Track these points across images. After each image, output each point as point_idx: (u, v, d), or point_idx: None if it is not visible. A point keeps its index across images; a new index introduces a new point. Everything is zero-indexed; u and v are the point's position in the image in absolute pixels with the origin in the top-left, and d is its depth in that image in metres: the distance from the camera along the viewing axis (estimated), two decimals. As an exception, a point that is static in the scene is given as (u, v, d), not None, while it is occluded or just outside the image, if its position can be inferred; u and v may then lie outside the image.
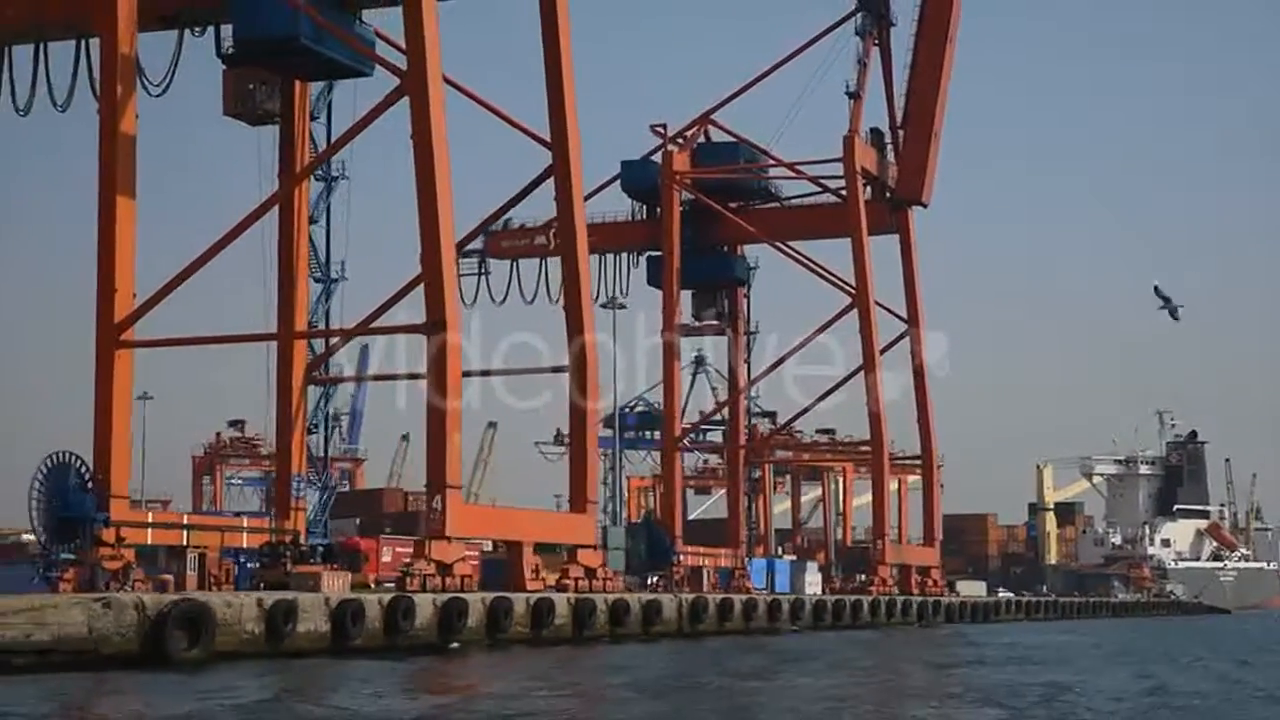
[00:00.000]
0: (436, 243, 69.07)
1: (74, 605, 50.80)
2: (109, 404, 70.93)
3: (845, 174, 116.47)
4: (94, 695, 42.43)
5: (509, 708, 38.69)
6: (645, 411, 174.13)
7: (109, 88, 71.35)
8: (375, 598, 61.53)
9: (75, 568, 67.00)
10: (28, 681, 44.92)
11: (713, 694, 44.01)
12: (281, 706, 39.63)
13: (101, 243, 71.04)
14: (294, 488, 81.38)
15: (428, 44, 69.31)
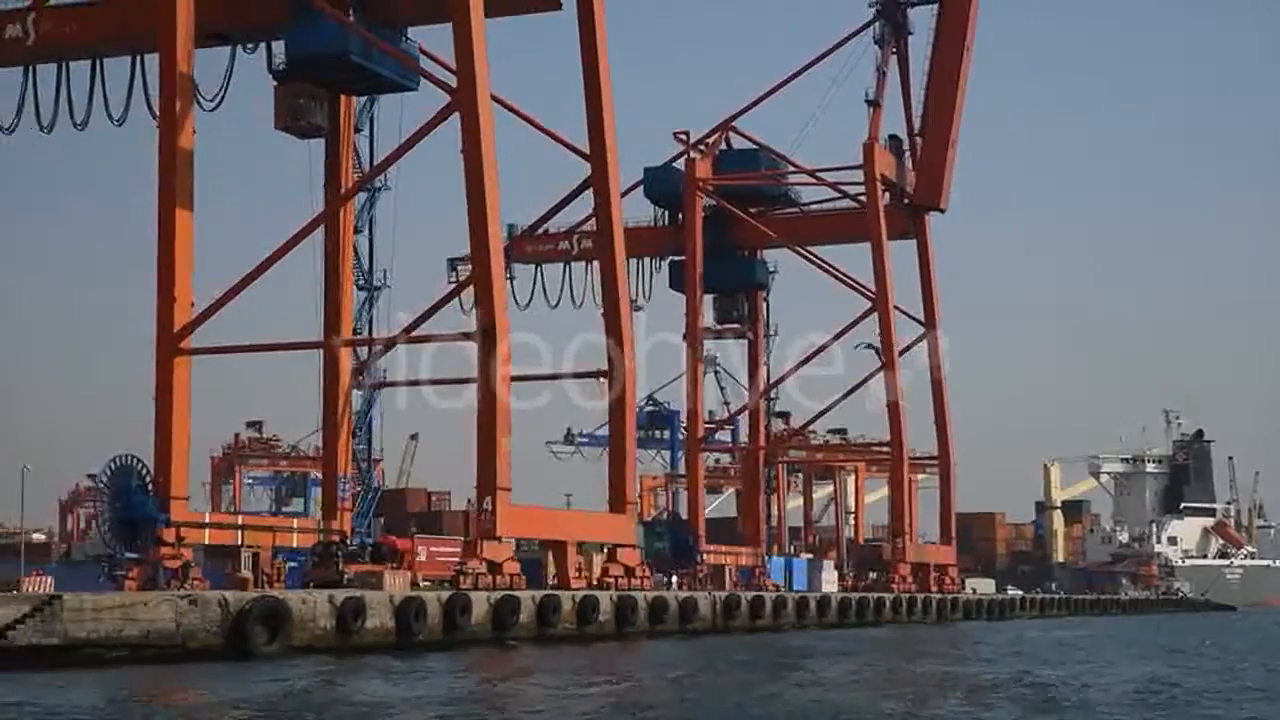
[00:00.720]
0: (487, 253, 72.09)
1: (163, 602, 53.86)
2: (169, 409, 73.98)
3: (865, 181, 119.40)
4: (223, 687, 45.09)
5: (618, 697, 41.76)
6: (655, 411, 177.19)
7: (168, 104, 74.36)
8: (435, 595, 64.57)
9: (138, 567, 70.08)
10: (122, 672, 47.99)
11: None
12: (405, 694, 42.40)
13: (161, 254, 74.08)
14: (340, 489, 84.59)
15: (477, 62, 72.23)
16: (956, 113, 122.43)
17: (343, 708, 39.10)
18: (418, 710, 37.70)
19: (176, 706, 40.50)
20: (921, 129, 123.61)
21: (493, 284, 71.82)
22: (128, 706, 39.92)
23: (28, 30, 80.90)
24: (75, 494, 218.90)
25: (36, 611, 50.94)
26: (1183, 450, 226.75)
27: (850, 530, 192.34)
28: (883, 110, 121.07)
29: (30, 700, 39.25)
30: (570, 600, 72.03)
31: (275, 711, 37.73)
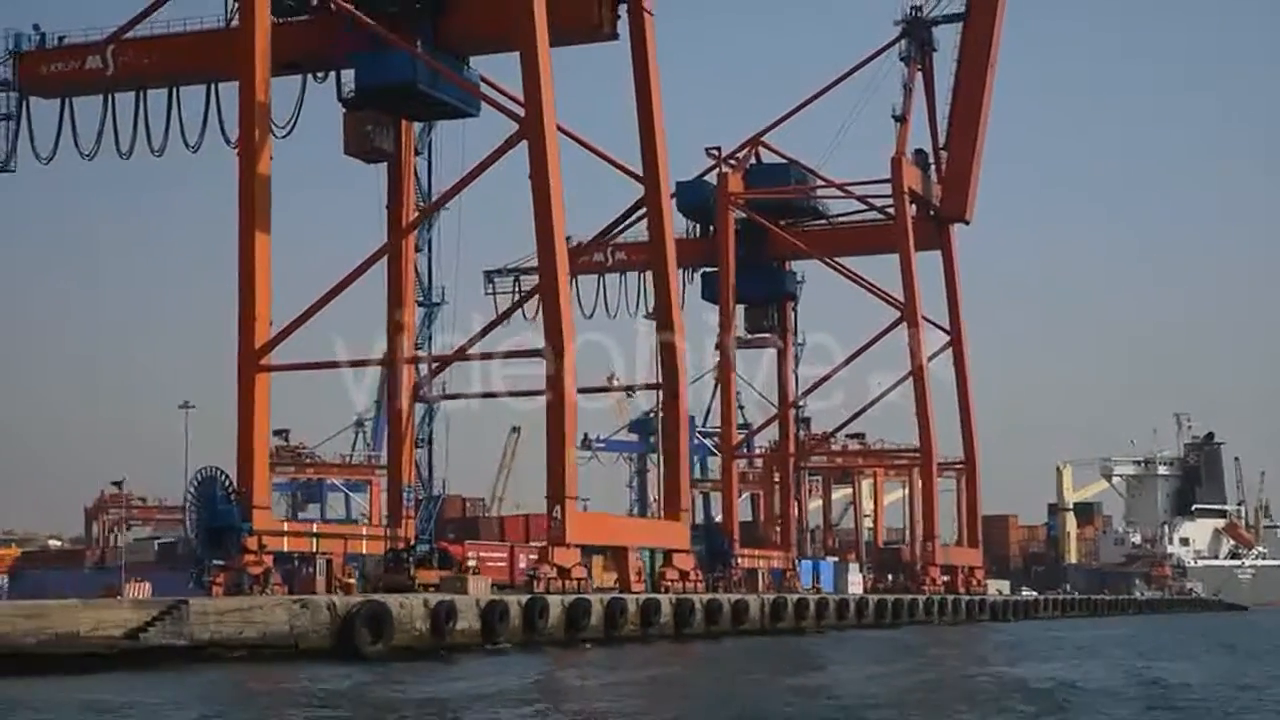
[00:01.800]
0: (554, 274, 76.65)
1: (277, 606, 58.38)
2: (250, 423, 78.53)
3: (893, 194, 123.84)
4: (329, 684, 49.55)
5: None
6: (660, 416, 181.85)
7: (247, 133, 78.84)
8: (515, 599, 69.01)
9: (225, 572, 74.41)
10: (242, 669, 52.45)
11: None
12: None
13: (242, 275, 78.54)
14: (404, 498, 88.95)
15: (544, 93, 76.69)
16: (981, 127, 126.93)
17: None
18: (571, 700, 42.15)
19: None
20: (946, 143, 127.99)
21: (560, 304, 76.29)
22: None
23: (107, 61, 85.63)
24: (101, 501, 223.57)
25: (165, 615, 55.46)
26: (1194, 452, 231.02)
27: (868, 533, 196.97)
28: (909, 125, 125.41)
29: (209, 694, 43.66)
30: (634, 603, 76.44)
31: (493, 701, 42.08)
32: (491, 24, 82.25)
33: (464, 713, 39.90)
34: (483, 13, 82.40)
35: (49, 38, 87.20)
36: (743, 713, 40.60)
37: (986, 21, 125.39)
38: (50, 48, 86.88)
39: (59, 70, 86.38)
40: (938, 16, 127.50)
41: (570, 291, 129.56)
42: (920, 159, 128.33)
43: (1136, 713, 40.73)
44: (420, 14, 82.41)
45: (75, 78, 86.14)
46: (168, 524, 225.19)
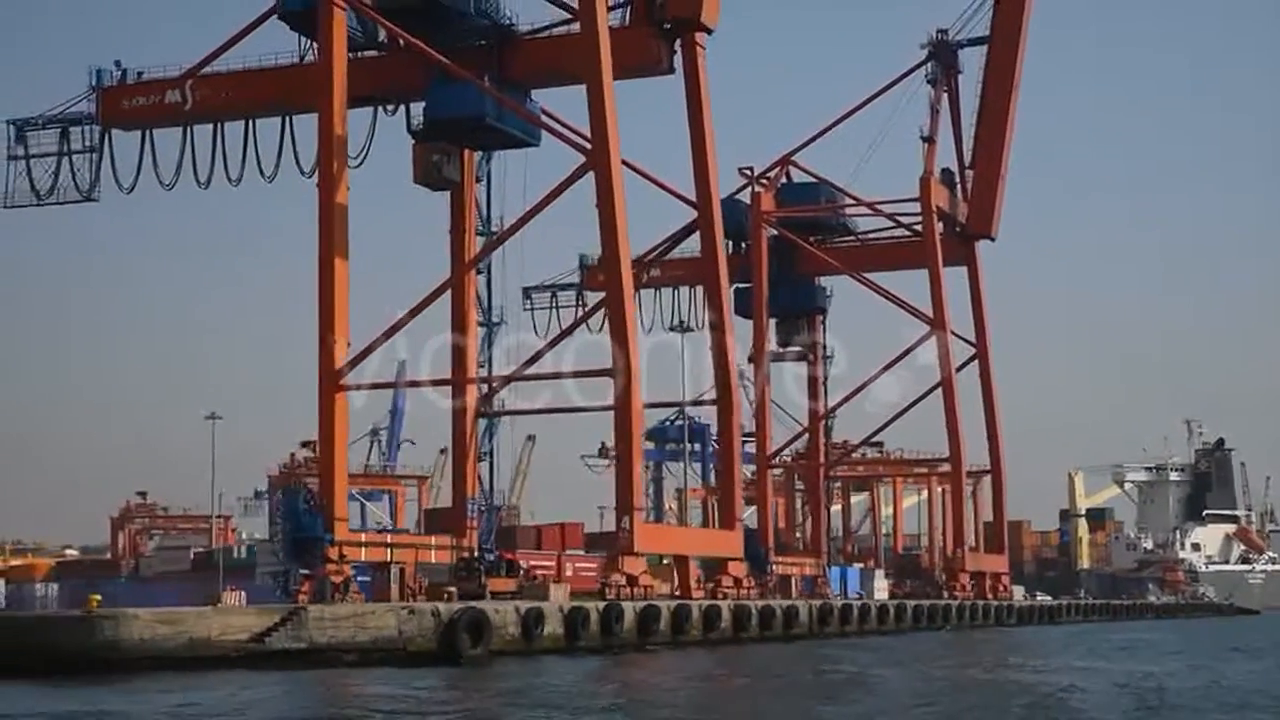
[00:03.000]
0: (621, 297, 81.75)
1: (387, 612, 63.44)
2: (330, 439, 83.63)
3: (922, 213, 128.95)
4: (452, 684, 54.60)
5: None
6: (687, 425, 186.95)
7: (326, 164, 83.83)
8: (593, 605, 74.01)
9: (309, 580, 79.37)
10: (364, 671, 57.45)
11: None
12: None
13: (321, 300, 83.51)
14: (468, 510, 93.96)
15: (609, 126, 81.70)
16: (1006, 147, 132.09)
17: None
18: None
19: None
20: (972, 162, 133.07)
21: (627, 325, 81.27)
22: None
23: (185, 96, 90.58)
24: (126, 511, 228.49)
25: (286, 621, 60.54)
26: (1204, 459, 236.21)
27: (886, 539, 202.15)
28: (936, 145, 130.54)
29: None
30: (698, 609, 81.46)
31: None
32: (554, 60, 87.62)
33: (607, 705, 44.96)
34: (546, 50, 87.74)
35: (129, 73, 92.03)
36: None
37: (1010, 45, 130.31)
38: (131, 83, 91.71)
39: (139, 105, 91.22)
40: (963, 40, 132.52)
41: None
42: (946, 177, 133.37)
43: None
44: (488, 50, 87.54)
45: (155, 111, 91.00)
46: (185, 532, 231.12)
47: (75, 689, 50.98)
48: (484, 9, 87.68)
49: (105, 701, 46.60)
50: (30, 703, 47.14)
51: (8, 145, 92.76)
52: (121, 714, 43.74)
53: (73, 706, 45.68)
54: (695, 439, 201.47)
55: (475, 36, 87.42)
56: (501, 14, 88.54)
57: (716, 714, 45.60)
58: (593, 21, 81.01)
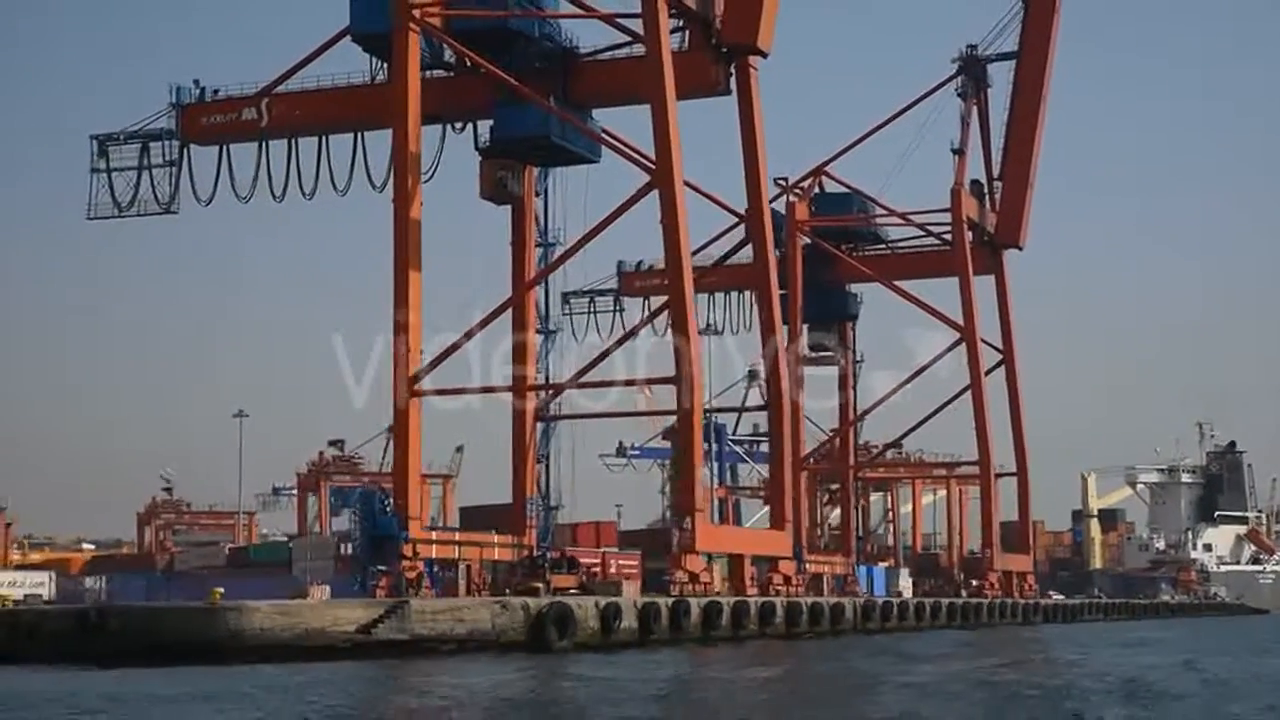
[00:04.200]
0: (684, 312, 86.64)
1: (482, 606, 68.49)
2: (405, 443, 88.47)
3: (953, 223, 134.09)
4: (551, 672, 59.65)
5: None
6: (705, 424, 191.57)
7: (400, 180, 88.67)
8: (663, 601, 79.05)
9: (387, 576, 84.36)
10: (463, 661, 62.45)
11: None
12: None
13: (397, 310, 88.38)
14: (526, 510, 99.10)
15: (673, 146, 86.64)
16: (1034, 158, 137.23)
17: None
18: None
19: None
20: (1001, 173, 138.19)
21: (689, 334, 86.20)
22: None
23: (261, 113, 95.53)
24: (152, 507, 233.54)
25: (390, 613, 65.54)
26: (1216, 461, 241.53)
27: (905, 538, 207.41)
28: (967, 157, 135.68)
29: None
30: (754, 606, 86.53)
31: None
32: (616, 82, 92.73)
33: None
34: (608, 72, 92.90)
35: (207, 91, 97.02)
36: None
37: (1038, 60, 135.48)
38: (209, 101, 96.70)
39: (217, 121, 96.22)
40: (992, 55, 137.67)
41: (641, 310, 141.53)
42: (976, 188, 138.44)
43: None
44: (553, 72, 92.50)
45: (232, 128, 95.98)
46: (208, 528, 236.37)
47: (209, 674, 55.86)
48: (547, 33, 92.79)
49: (246, 682, 51.56)
50: (174, 684, 51.83)
51: (91, 159, 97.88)
52: (264, 691, 48.51)
53: (215, 686, 50.66)
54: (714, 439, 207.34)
55: (540, 59, 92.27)
56: (563, 37, 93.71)
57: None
58: (657, 48, 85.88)
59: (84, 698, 47.56)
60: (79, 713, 43.54)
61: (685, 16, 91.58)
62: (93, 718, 42.93)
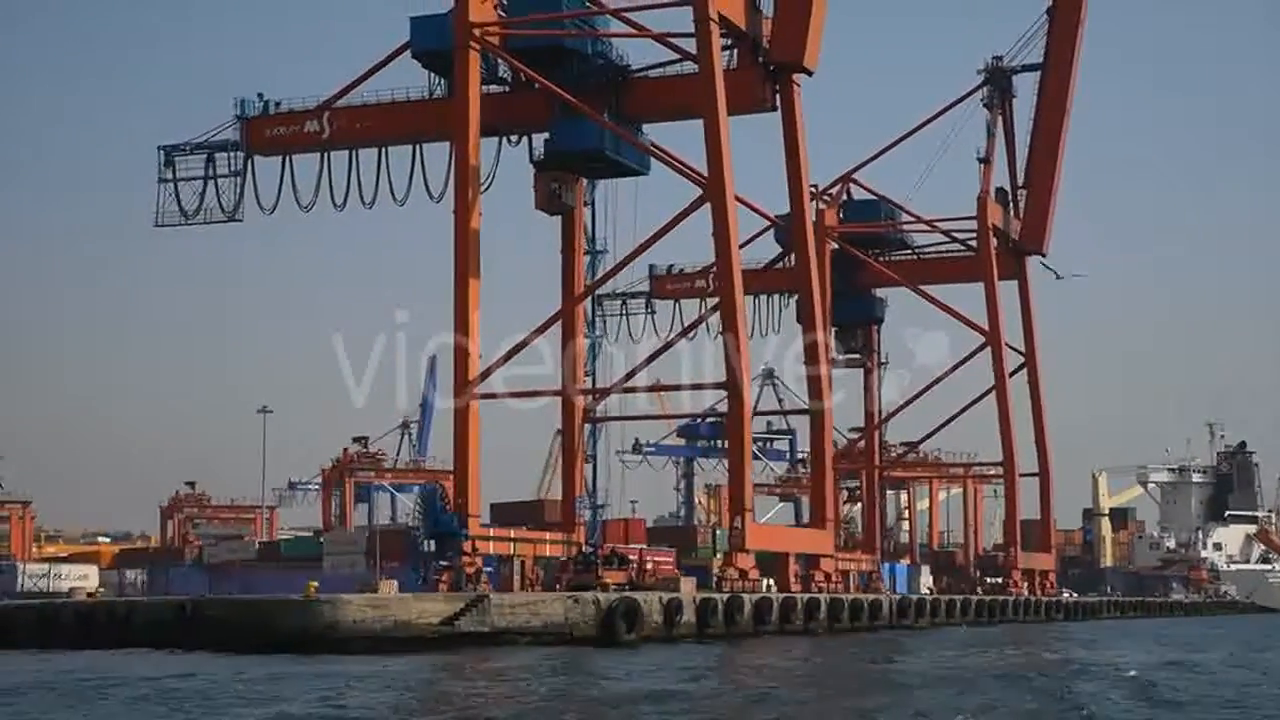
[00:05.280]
0: (735, 320, 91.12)
1: (556, 600, 73.01)
2: (466, 444, 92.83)
3: (979, 231, 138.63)
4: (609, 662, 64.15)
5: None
6: (718, 422, 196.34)
7: (461, 193, 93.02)
8: (719, 597, 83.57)
9: (448, 571, 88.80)
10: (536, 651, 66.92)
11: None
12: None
13: (457, 316, 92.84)
14: (575, 508, 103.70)
15: (725, 161, 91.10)
16: (1058, 167, 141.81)
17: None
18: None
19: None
20: (1025, 182, 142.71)
21: (740, 342, 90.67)
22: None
23: (323, 126, 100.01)
24: (176, 500, 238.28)
25: (471, 607, 70.06)
26: (1226, 461, 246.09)
27: (922, 537, 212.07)
28: (993, 166, 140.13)
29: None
30: (801, 602, 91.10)
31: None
32: (668, 98, 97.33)
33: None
34: (660, 88, 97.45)
35: (271, 104, 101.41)
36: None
37: (1063, 71, 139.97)
38: (272, 114, 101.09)
39: (280, 133, 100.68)
40: (1017, 66, 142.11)
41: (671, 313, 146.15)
42: (1000, 196, 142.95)
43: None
44: (606, 87, 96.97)
45: (295, 140, 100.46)
46: (228, 522, 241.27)
47: (309, 661, 60.14)
48: (600, 50, 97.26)
49: (354, 668, 55.95)
50: (279, 669, 55.96)
51: (158, 169, 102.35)
52: (372, 677, 52.84)
53: (322, 669, 54.99)
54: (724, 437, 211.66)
55: (594, 75, 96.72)
56: (615, 54, 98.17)
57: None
58: (710, 68, 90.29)
59: (216, 682, 51.68)
60: (229, 694, 47.79)
61: (735, 36, 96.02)
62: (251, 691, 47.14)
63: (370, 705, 43.48)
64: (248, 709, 43.07)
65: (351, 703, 44.11)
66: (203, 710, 43.13)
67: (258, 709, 42.82)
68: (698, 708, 43.08)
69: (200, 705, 44.24)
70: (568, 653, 66.45)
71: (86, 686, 50.04)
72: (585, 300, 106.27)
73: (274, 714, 41.39)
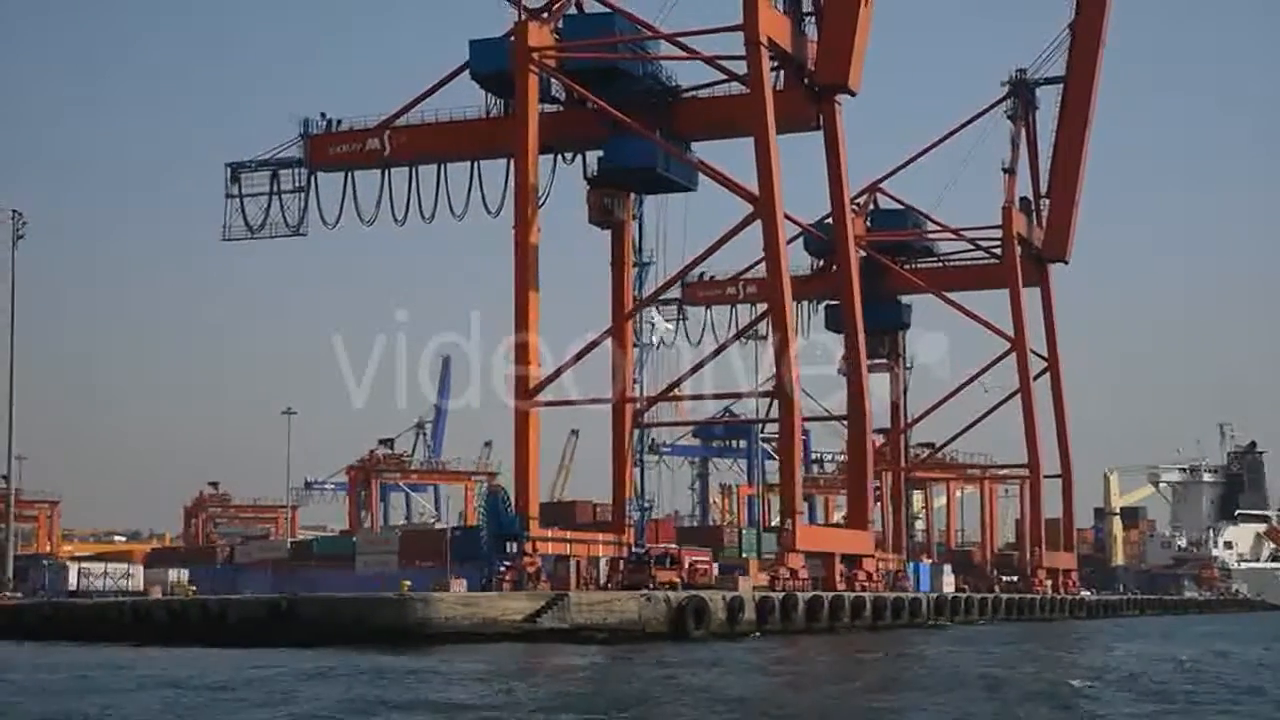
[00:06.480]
0: (785, 330, 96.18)
1: (630, 599, 77.93)
2: (526, 449, 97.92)
3: (1003, 240, 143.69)
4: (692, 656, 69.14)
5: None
6: (730, 423, 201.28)
7: (521, 209, 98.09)
8: (775, 596, 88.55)
9: (511, 570, 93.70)
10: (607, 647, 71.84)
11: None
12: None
13: (518, 327, 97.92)
14: (625, 510, 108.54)
15: (774, 179, 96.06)
16: (1080, 177, 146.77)
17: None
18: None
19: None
20: (1048, 191, 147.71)
21: (789, 352, 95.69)
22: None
23: (384, 143, 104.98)
24: (200, 500, 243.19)
25: (551, 605, 75.00)
26: (1237, 461, 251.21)
27: (937, 536, 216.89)
28: (1016, 176, 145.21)
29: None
30: (848, 600, 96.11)
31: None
32: (717, 117, 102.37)
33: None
34: (710, 108, 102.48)
35: (333, 123, 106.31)
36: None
37: (1084, 83, 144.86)
38: (335, 132, 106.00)
39: (342, 151, 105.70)
40: (1040, 79, 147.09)
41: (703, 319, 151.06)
42: (1024, 205, 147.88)
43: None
44: (656, 107, 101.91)
45: (356, 157, 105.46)
46: (249, 522, 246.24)
47: (407, 655, 64.86)
48: (651, 71, 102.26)
49: (455, 659, 60.75)
50: (382, 663, 60.18)
51: (225, 185, 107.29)
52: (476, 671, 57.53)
53: (422, 665, 59.67)
54: (741, 436, 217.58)
55: (644, 95, 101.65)
56: (665, 76, 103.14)
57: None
58: (760, 90, 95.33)
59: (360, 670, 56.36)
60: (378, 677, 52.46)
61: (781, 59, 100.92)
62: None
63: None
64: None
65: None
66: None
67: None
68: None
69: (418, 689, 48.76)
70: (653, 648, 71.45)
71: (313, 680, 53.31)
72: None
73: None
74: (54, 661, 65.18)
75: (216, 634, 76.46)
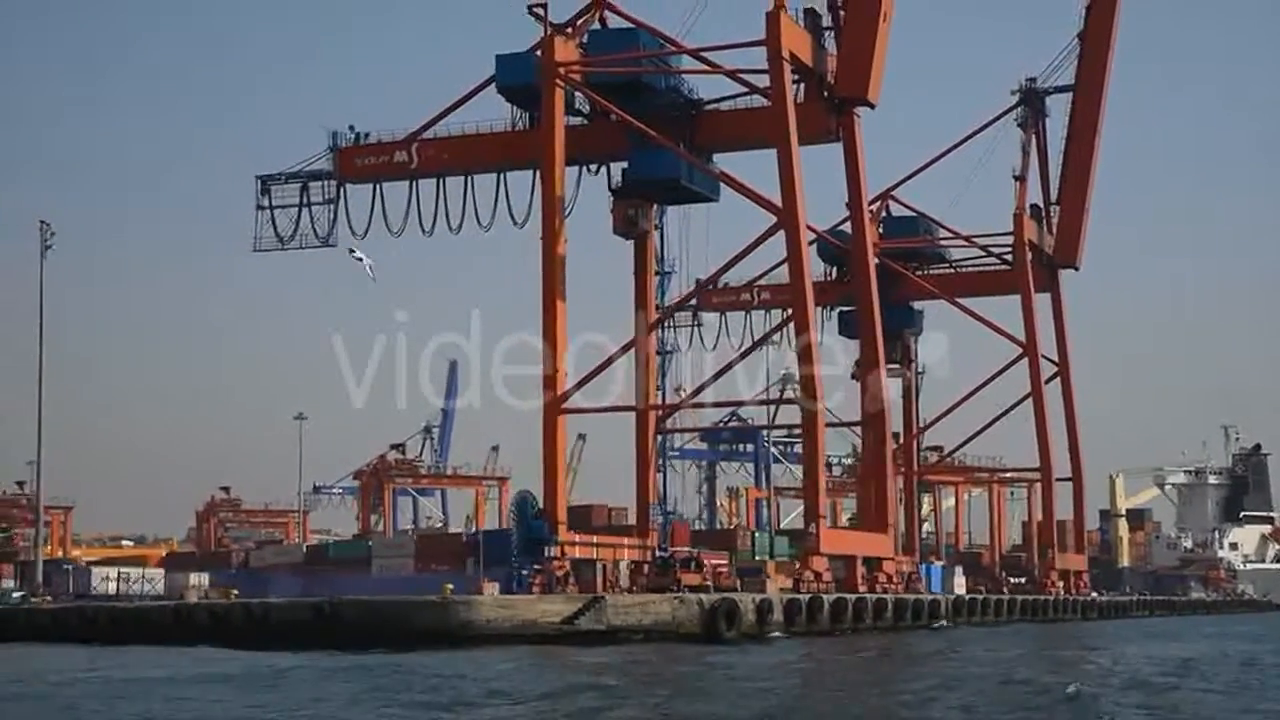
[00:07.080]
0: (808, 336, 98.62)
1: (664, 601, 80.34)
2: (554, 456, 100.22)
3: (1015, 246, 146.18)
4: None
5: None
6: (739, 426, 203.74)
7: (548, 221, 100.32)
8: (801, 598, 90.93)
9: (540, 575, 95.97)
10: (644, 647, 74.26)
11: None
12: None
13: (546, 336, 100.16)
14: (649, 514, 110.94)
15: (797, 190, 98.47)
16: (1090, 184, 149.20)
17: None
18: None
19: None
20: (1058, 198, 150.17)
21: (813, 362, 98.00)
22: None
23: (411, 156, 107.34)
24: (211, 504, 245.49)
25: (588, 607, 77.38)
26: (1242, 463, 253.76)
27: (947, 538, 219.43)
28: (1027, 183, 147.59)
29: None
30: (870, 602, 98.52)
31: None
32: (737, 128, 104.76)
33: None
34: (732, 121, 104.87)
35: (361, 136, 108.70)
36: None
37: (1094, 91, 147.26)
38: (363, 144, 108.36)
39: (370, 163, 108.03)
40: (1050, 88, 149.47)
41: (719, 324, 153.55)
42: (1034, 212, 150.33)
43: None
44: (679, 119, 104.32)
45: (384, 169, 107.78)
46: (260, 526, 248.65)
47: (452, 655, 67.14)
48: (673, 84, 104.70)
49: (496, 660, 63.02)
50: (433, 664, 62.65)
51: (256, 197, 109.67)
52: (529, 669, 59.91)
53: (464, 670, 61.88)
54: (747, 440, 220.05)
55: (668, 107, 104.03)
56: (687, 89, 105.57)
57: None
58: (783, 104, 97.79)
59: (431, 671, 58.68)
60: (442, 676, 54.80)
61: (802, 72, 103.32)
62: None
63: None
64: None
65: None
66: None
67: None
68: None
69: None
70: (692, 648, 73.90)
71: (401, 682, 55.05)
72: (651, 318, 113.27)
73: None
74: (122, 662, 67.36)
75: (259, 636, 78.42)
